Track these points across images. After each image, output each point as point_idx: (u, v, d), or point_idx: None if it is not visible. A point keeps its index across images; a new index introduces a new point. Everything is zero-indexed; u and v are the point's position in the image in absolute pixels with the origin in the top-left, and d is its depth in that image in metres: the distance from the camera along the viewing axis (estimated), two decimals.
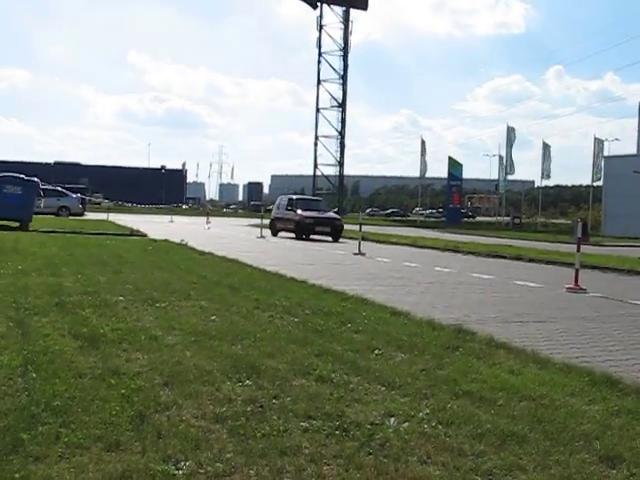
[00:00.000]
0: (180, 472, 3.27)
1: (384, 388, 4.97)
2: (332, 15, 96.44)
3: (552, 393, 5.06)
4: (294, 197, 34.61)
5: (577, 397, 5.04)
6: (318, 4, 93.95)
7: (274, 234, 32.40)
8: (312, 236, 30.10)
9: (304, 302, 8.98)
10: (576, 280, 13.42)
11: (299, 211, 30.80)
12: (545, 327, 8.72)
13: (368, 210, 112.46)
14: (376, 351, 6.23)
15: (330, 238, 30.00)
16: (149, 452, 3.48)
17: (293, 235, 30.96)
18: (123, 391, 4.46)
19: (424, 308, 9.41)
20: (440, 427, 4.14)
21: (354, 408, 4.43)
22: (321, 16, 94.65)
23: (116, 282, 10.13)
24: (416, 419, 4.27)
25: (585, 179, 70.22)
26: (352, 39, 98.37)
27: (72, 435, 3.64)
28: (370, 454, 3.63)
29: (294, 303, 8.87)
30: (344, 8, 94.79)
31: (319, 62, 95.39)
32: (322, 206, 34.42)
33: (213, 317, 7.55)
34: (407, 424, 4.15)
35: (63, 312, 7.43)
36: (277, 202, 34.59)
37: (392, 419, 4.23)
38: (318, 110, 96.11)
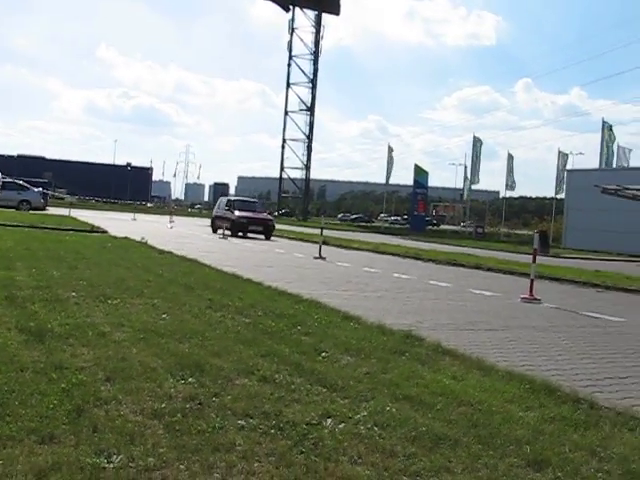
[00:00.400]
0: (111, 465, 3.30)
1: (325, 390, 5.03)
2: (304, 19, 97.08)
3: (491, 399, 5.17)
4: (232, 198, 39.03)
5: (515, 404, 5.15)
6: (290, 7, 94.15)
7: (214, 231, 35.53)
8: (274, 239, 30.53)
9: (257, 303, 9.02)
10: (531, 290, 13.61)
11: (236, 212, 33.68)
12: (495, 335, 8.85)
13: (339, 215, 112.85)
14: (323, 354, 6.30)
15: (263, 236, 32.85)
16: (82, 445, 3.51)
17: (260, 236, 32.44)
18: (63, 385, 4.47)
19: (378, 313, 9.49)
20: (375, 429, 4.21)
21: (293, 408, 4.49)
22: (293, 19, 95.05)
23: (70, 278, 10.07)
24: (353, 420, 4.33)
25: (549, 191, 71.21)
26: (323, 43, 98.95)
27: (5, 427, 3.65)
28: (302, 453, 3.69)
29: (247, 304, 8.90)
30: (316, 12, 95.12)
31: (289, 65, 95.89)
32: (257, 207, 37.38)
33: (164, 315, 7.56)
34: (343, 425, 4.22)
35: (12, 306, 7.39)
36: (218, 203, 38.64)
37: (329, 420, 4.30)
38: (287, 113, 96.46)
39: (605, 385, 6.35)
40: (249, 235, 33.00)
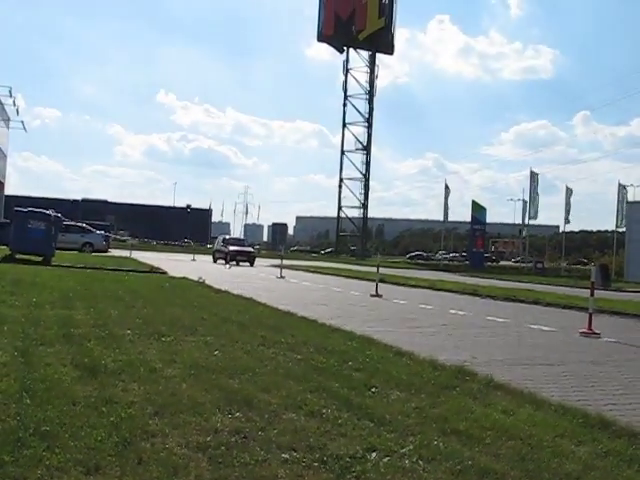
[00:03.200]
0: None
1: (372, 424, 5.01)
2: (359, 59, 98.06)
3: (541, 433, 5.08)
4: (227, 237, 53.80)
5: (566, 438, 5.05)
6: (345, 48, 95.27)
7: (214, 261, 46.85)
8: (331, 277, 30.76)
9: (310, 340, 9.04)
10: (590, 324, 13.33)
11: (229, 246, 45.58)
12: (551, 370, 8.69)
13: (409, 255, 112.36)
14: (373, 389, 6.28)
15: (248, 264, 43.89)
16: (126, 476, 3.58)
17: (315, 277, 33.84)
18: (112, 419, 4.56)
19: (431, 349, 9.40)
20: (420, 462, 4.18)
21: (338, 442, 4.48)
22: (347, 60, 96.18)
23: (127, 316, 10.27)
24: (398, 454, 4.31)
25: (610, 225, 69.80)
26: (378, 82, 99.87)
27: (54, 458, 3.74)
28: None
29: (299, 341, 8.93)
30: (370, 52, 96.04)
31: (344, 105, 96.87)
32: (245, 243, 51.93)
33: (216, 352, 7.64)
34: (387, 459, 4.20)
35: (69, 343, 7.58)
36: (217, 240, 53.36)
37: (374, 454, 4.28)
38: (343, 152, 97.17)
39: None
40: (302, 275, 34.29)
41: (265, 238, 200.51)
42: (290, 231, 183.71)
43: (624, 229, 60.93)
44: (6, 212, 46.66)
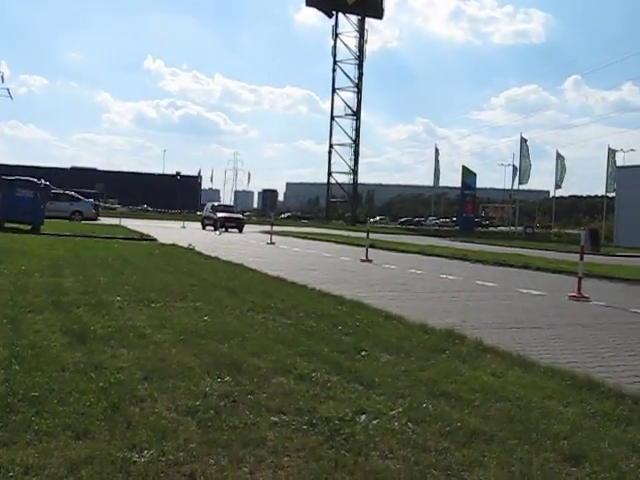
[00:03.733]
0: (142, 459, 3.36)
1: (362, 387, 5.03)
2: (348, 24, 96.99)
3: (530, 395, 5.10)
4: (215, 204, 53.52)
5: (554, 399, 5.07)
6: (333, 12, 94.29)
7: (203, 228, 47.46)
8: (322, 243, 30.70)
9: (299, 305, 9.05)
10: (579, 288, 13.39)
11: (218, 213, 45.99)
12: (540, 333, 8.73)
13: (377, 218, 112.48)
14: (362, 352, 6.29)
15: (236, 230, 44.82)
16: (115, 440, 3.58)
17: (300, 243, 33.87)
18: (101, 384, 4.56)
19: (421, 313, 9.42)
20: (409, 424, 4.19)
21: (327, 405, 4.49)
22: (336, 24, 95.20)
23: (116, 283, 10.25)
24: (387, 417, 4.32)
25: (600, 189, 69.93)
26: (368, 47, 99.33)
27: (43, 423, 3.75)
28: (332, 448, 3.70)
29: (289, 306, 8.94)
30: (359, 17, 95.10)
31: (334, 70, 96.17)
32: (233, 210, 52.32)
33: (205, 317, 7.64)
34: (376, 421, 4.21)
35: (58, 310, 7.57)
36: (205, 207, 53.07)
37: (363, 416, 4.29)
38: (333, 118, 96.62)
39: None
40: (292, 241, 34.43)
41: (255, 205, 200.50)
42: (280, 197, 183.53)
43: (614, 194, 61.13)
44: None
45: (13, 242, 17.87)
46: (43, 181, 26.44)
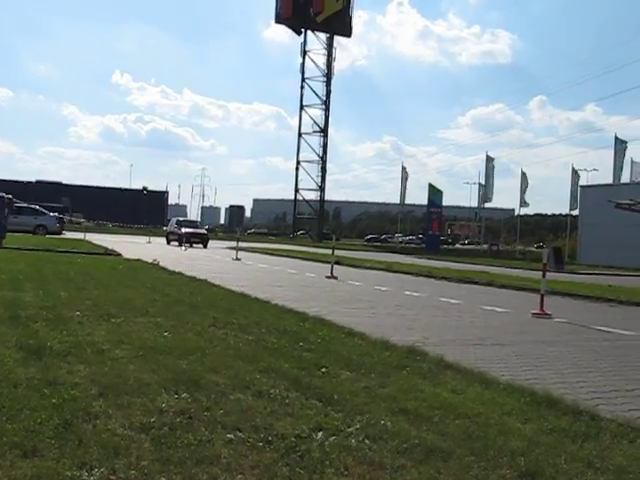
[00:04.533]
0: (91, 478, 3.28)
1: (320, 404, 4.98)
2: (316, 41, 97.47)
3: (489, 412, 5.10)
4: (180, 219, 53.75)
5: (513, 416, 5.07)
6: (302, 30, 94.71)
7: (168, 243, 47.57)
8: (288, 260, 30.68)
9: (262, 321, 9.00)
10: (542, 305, 13.51)
11: (182, 228, 46.34)
12: (502, 350, 8.78)
13: (367, 237, 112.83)
14: (323, 369, 6.24)
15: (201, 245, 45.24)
16: (65, 459, 3.49)
17: (273, 259, 33.88)
18: (54, 401, 4.45)
19: (384, 330, 9.41)
20: (366, 442, 4.16)
21: (284, 421, 4.44)
22: (305, 42, 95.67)
23: (77, 298, 10.12)
24: (344, 433, 4.28)
25: (564, 208, 70.85)
26: (337, 65, 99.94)
27: None
28: (287, 465, 3.65)
29: (252, 322, 8.88)
30: (328, 35, 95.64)
31: (302, 87, 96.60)
32: (198, 225, 53.89)
33: (166, 333, 7.55)
34: (333, 438, 4.17)
35: (14, 325, 7.42)
36: (170, 222, 53.38)
37: (320, 433, 4.24)
38: (300, 135, 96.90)
39: (610, 397, 6.25)
40: (258, 257, 34.63)
41: (222, 221, 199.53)
42: (247, 214, 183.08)
43: (577, 212, 61.97)
44: None
45: None
46: (5, 195, 26.09)
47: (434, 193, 72.09)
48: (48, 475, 3.26)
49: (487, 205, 73.51)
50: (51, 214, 47.25)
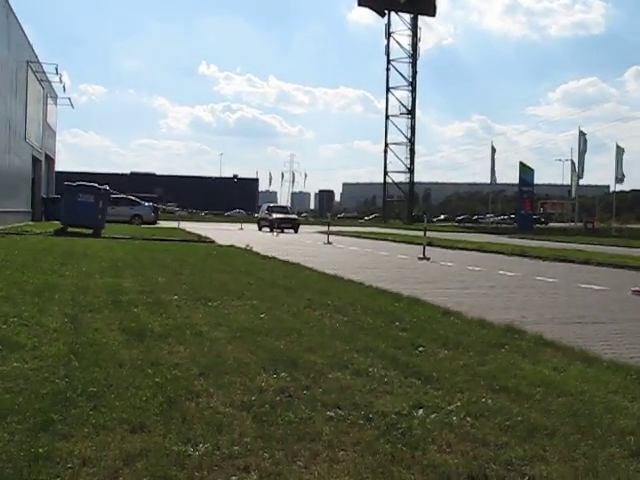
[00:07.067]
0: (196, 453, 3.35)
1: (419, 382, 4.95)
2: (401, 22, 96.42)
3: (593, 389, 4.95)
4: (271, 205, 54.15)
5: (619, 394, 4.92)
6: (386, 12, 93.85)
7: (259, 229, 47.70)
8: (378, 242, 30.59)
9: (356, 302, 9.00)
10: None
11: (273, 214, 46.64)
12: (602, 328, 8.53)
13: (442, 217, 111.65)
14: (420, 348, 6.21)
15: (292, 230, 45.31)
16: (171, 434, 3.58)
17: (356, 242, 33.88)
18: (158, 380, 4.58)
19: (479, 309, 9.29)
20: (468, 419, 4.11)
21: (384, 399, 4.43)
22: (389, 24, 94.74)
23: (174, 283, 10.36)
24: (445, 411, 4.24)
25: None
26: (422, 45, 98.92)
27: (100, 417, 3.78)
28: (389, 442, 3.64)
29: (346, 303, 8.90)
30: (412, 15, 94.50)
31: (388, 69, 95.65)
32: (289, 210, 54.19)
33: (262, 315, 7.64)
34: (434, 415, 4.13)
35: (117, 309, 7.67)
36: (261, 208, 55.18)
37: (420, 410, 4.22)
38: (387, 117, 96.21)
39: None
40: (349, 240, 34.42)
41: (312, 206, 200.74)
42: (337, 198, 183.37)
43: None
44: (57, 188, 47.25)
45: (75, 245, 18.26)
46: (104, 186, 26.90)
47: (525, 171, 70.42)
48: (156, 449, 3.36)
49: (581, 182, 71.39)
50: (146, 204, 48.41)
